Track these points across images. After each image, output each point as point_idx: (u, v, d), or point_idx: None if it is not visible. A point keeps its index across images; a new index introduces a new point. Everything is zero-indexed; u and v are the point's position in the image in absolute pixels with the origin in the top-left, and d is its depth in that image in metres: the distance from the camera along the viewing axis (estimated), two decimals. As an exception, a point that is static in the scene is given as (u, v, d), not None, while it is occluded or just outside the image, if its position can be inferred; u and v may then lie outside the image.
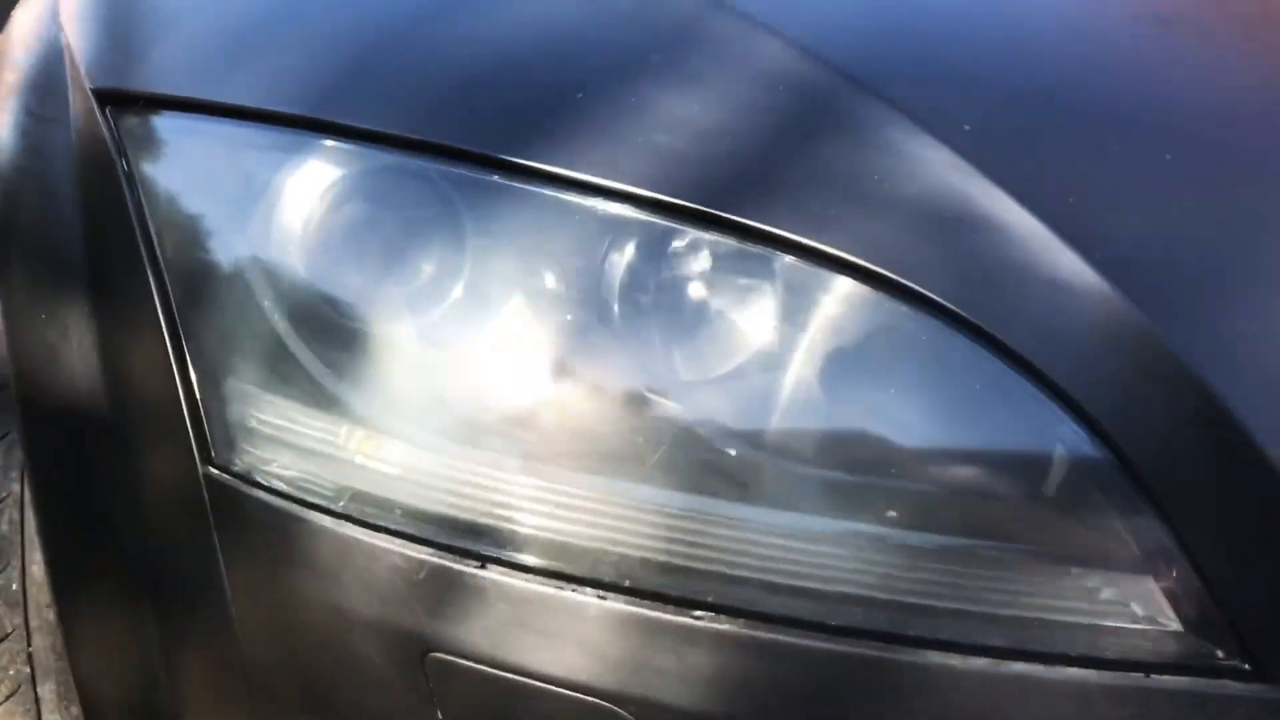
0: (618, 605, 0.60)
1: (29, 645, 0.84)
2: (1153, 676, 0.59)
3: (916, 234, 0.62)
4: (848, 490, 0.61)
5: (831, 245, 0.61)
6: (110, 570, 0.73)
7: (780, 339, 0.62)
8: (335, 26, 0.74)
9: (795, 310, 0.62)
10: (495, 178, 0.65)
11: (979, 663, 0.59)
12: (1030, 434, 0.61)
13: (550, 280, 0.64)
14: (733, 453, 0.61)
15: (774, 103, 0.67)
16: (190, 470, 0.69)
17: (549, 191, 0.64)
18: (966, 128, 0.66)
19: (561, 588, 0.61)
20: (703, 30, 0.71)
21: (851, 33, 0.75)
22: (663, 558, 0.61)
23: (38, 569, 0.83)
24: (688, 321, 0.63)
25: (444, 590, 0.63)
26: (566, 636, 0.61)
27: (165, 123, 0.73)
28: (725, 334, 0.62)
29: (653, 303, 0.63)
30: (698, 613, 0.60)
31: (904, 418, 0.61)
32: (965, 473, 0.61)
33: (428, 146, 0.66)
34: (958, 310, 0.60)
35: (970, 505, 0.61)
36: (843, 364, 0.62)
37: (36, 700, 0.84)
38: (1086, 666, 0.59)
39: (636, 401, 0.62)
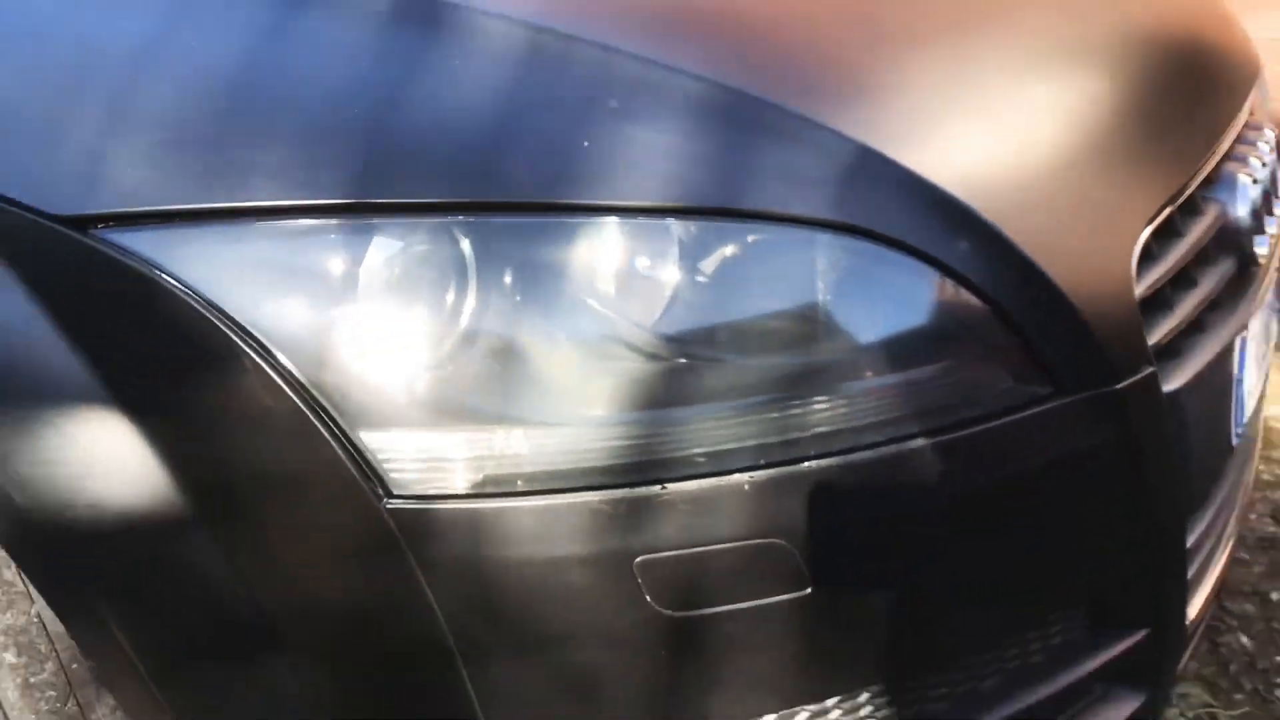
0: (751, 476, 0.84)
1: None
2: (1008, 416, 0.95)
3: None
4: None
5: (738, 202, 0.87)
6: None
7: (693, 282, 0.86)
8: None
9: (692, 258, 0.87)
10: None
11: (918, 442, 0.89)
12: (879, 279, 0.90)
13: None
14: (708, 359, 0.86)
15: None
16: (371, 507, 0.79)
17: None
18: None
19: (720, 479, 0.83)
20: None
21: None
22: (759, 439, 0.86)
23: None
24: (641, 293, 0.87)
25: (640, 511, 0.82)
26: (731, 510, 0.84)
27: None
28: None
29: (626, 288, 0.86)
30: (803, 465, 0.85)
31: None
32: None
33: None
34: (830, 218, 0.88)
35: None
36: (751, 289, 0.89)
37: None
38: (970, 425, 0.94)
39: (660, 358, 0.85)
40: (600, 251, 0.82)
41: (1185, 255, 1.05)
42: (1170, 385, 0.99)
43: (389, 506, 0.79)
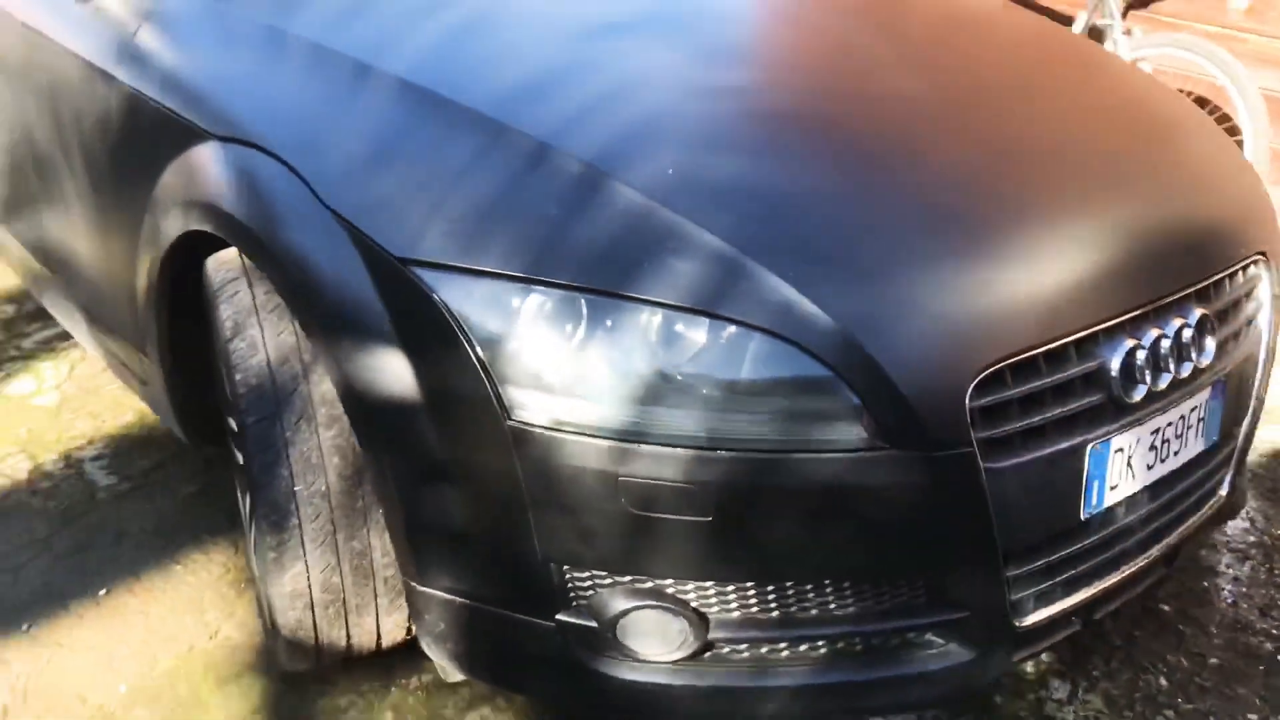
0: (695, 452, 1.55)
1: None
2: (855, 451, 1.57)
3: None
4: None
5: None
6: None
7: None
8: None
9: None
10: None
11: (796, 456, 1.55)
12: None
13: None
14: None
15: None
16: (499, 423, 1.56)
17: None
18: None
19: (672, 448, 1.54)
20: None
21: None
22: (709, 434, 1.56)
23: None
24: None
25: (626, 459, 1.54)
26: (679, 470, 1.54)
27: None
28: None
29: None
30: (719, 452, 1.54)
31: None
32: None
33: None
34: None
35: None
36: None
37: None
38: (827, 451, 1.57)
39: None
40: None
41: (1043, 384, 1.64)
42: (994, 464, 1.59)
43: (510, 425, 1.56)
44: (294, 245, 1.71)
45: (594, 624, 1.63)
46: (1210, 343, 1.85)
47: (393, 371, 1.62)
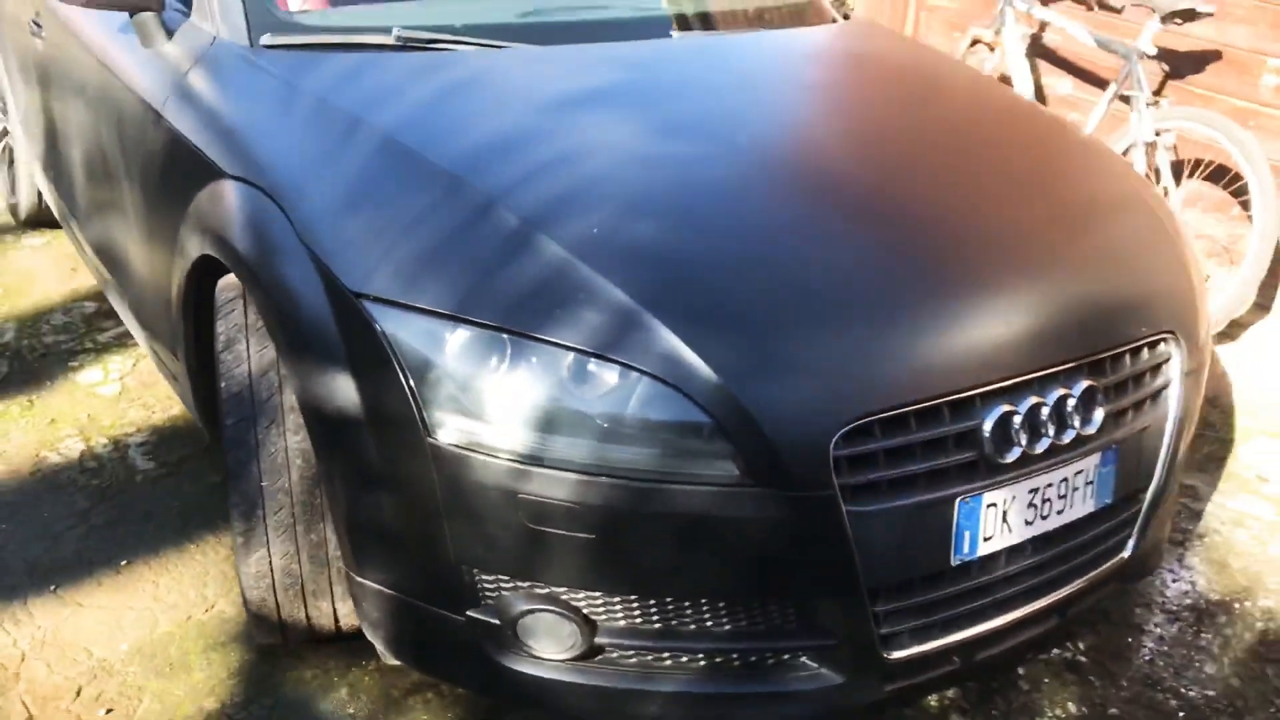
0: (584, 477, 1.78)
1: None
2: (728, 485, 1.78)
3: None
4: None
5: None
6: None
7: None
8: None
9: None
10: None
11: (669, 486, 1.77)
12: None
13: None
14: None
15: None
16: (421, 441, 1.80)
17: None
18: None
19: (578, 475, 1.77)
20: None
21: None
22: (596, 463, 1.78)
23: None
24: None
25: (529, 479, 1.77)
26: (574, 496, 1.77)
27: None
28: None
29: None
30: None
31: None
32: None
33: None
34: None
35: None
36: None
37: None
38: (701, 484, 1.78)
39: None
40: None
41: (911, 439, 1.82)
42: (859, 507, 1.78)
43: (429, 443, 1.81)
44: (276, 275, 1.99)
45: (498, 621, 1.87)
46: (1099, 413, 2.00)
47: (341, 389, 1.88)
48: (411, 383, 1.81)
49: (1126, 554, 2.20)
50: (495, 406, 1.78)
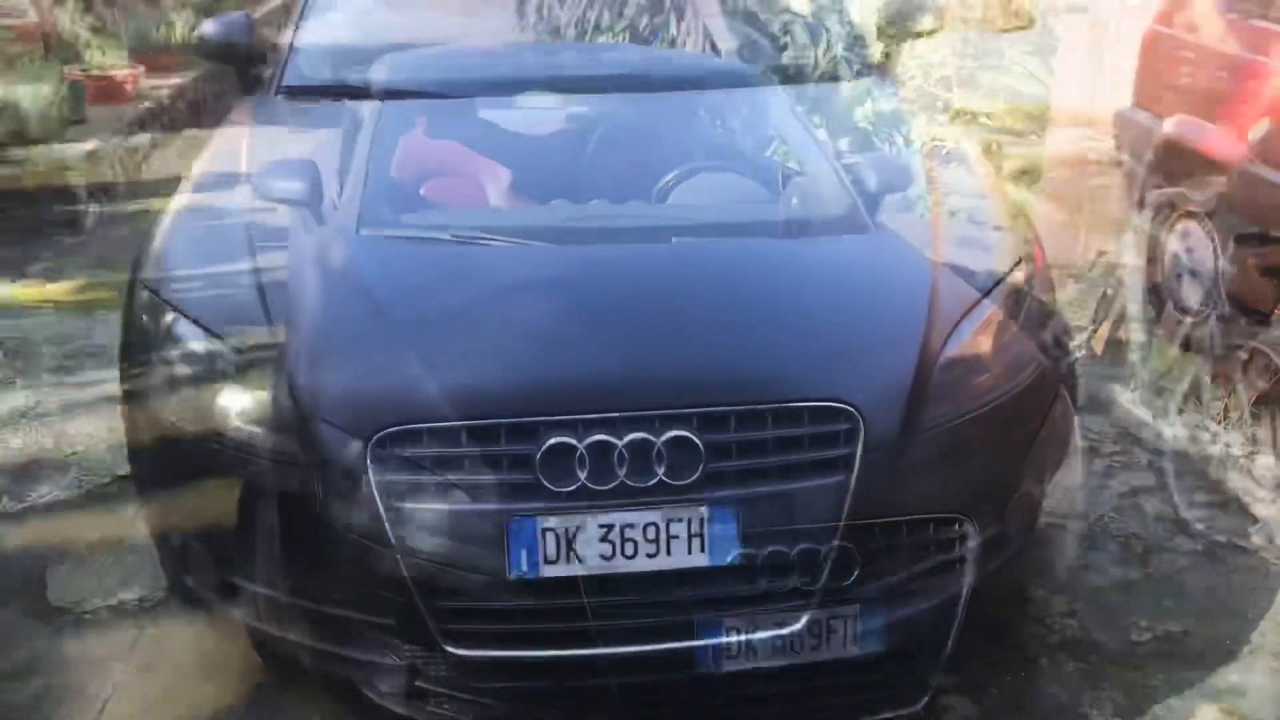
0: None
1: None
2: None
3: None
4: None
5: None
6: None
7: None
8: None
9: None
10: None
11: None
12: None
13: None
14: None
15: None
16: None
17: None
18: None
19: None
20: None
21: None
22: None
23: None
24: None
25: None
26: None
27: None
28: None
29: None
30: None
31: None
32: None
33: None
34: None
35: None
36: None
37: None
38: None
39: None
40: None
41: (457, 451, 2.07)
42: (400, 503, 2.06)
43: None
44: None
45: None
46: (699, 466, 2.05)
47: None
48: None
49: (799, 626, 2.12)
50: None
